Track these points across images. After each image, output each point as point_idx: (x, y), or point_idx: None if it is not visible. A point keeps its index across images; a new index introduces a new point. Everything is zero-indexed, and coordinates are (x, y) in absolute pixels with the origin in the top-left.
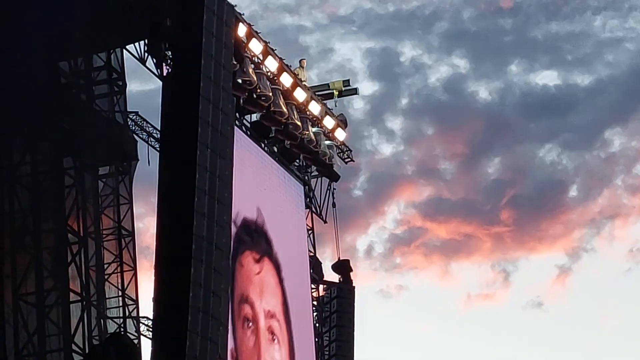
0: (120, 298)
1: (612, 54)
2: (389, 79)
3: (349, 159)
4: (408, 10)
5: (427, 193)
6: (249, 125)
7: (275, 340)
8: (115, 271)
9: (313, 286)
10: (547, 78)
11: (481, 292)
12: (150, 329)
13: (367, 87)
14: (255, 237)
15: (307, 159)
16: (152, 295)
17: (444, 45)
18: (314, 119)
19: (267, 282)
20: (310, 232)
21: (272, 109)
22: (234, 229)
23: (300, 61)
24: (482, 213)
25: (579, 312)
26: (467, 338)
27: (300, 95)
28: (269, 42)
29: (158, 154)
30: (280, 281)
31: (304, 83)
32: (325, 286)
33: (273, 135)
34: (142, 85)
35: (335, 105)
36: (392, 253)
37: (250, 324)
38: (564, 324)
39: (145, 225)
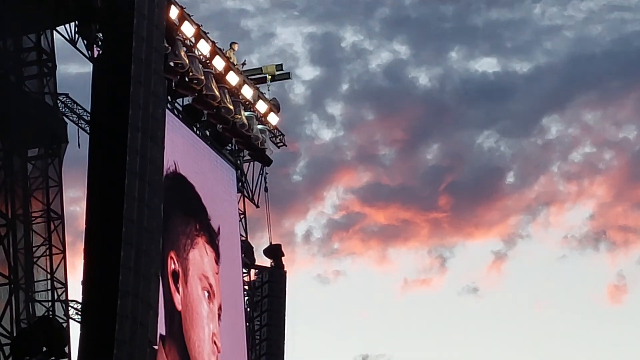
0: (49, 281)
1: (550, 42)
2: (329, 64)
3: (282, 144)
4: None
5: (366, 179)
6: (180, 108)
7: (208, 297)
8: (44, 254)
9: (244, 271)
10: (487, 65)
11: (418, 277)
12: (80, 313)
13: (307, 72)
14: (192, 204)
15: (240, 143)
16: (80, 278)
17: (385, 31)
18: (247, 103)
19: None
20: (242, 216)
21: (204, 92)
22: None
23: (231, 44)
24: (420, 199)
25: (514, 297)
26: (404, 323)
27: (232, 79)
28: (201, 25)
29: (88, 136)
30: (217, 256)
31: (236, 66)
32: (256, 271)
33: (205, 119)
34: (74, 67)
35: (268, 90)
36: (330, 238)
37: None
38: (499, 309)
39: (82, 208)
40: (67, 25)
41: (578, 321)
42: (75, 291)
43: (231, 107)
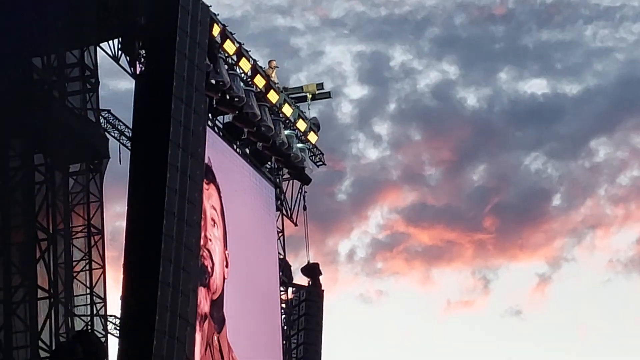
0: (89, 296)
1: (601, 64)
2: (378, 83)
3: (321, 162)
4: (400, 14)
5: (411, 199)
6: (221, 126)
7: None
8: (84, 269)
9: (282, 289)
10: (536, 86)
11: (461, 299)
12: (118, 328)
13: (356, 91)
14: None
15: (279, 161)
16: (120, 293)
17: (435, 51)
18: (287, 121)
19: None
20: (280, 234)
21: (244, 110)
22: None
23: (269, 62)
24: (466, 220)
25: (557, 321)
26: (446, 345)
27: (273, 97)
28: (243, 44)
29: (129, 152)
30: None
31: (277, 85)
32: (294, 289)
33: (245, 136)
34: (116, 83)
35: (309, 108)
36: (373, 258)
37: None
38: (542, 332)
39: None
40: (110, 42)
41: (622, 346)
42: (114, 306)
43: (271, 125)
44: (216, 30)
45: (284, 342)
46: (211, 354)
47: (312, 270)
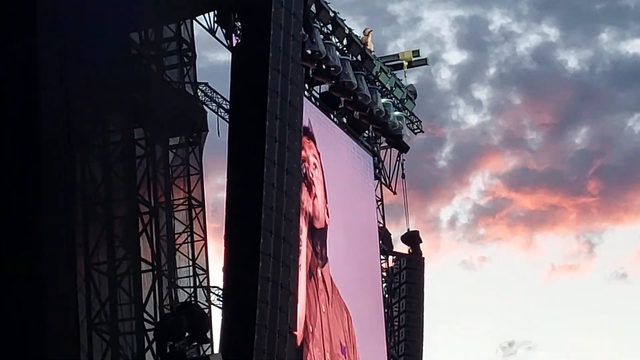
0: (191, 268)
1: None
2: (477, 48)
3: (419, 130)
4: None
5: (512, 163)
6: (318, 96)
7: None
8: (186, 241)
9: (382, 257)
10: (638, 46)
11: (565, 263)
12: (221, 299)
13: (454, 56)
14: None
15: (376, 130)
16: (222, 265)
17: (534, 13)
18: (384, 89)
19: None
20: (379, 203)
21: (341, 79)
22: None
23: (364, 30)
24: (569, 183)
25: None
26: (550, 310)
27: (369, 65)
28: (338, 13)
29: (228, 124)
30: None
31: (373, 54)
32: (394, 257)
33: (342, 106)
34: (213, 56)
35: (405, 76)
36: (476, 224)
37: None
38: None
39: None
40: (206, 15)
41: None
42: (217, 277)
43: (368, 94)
44: (311, 0)
45: (386, 310)
46: (315, 284)
47: (412, 238)
